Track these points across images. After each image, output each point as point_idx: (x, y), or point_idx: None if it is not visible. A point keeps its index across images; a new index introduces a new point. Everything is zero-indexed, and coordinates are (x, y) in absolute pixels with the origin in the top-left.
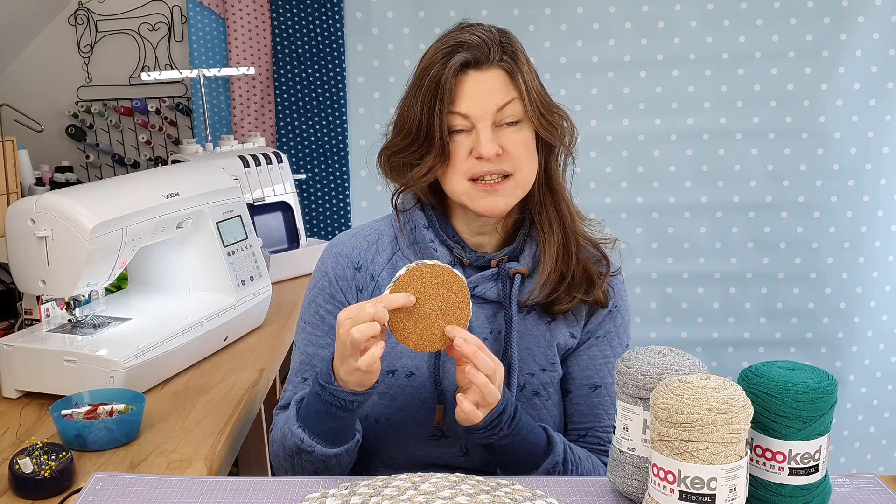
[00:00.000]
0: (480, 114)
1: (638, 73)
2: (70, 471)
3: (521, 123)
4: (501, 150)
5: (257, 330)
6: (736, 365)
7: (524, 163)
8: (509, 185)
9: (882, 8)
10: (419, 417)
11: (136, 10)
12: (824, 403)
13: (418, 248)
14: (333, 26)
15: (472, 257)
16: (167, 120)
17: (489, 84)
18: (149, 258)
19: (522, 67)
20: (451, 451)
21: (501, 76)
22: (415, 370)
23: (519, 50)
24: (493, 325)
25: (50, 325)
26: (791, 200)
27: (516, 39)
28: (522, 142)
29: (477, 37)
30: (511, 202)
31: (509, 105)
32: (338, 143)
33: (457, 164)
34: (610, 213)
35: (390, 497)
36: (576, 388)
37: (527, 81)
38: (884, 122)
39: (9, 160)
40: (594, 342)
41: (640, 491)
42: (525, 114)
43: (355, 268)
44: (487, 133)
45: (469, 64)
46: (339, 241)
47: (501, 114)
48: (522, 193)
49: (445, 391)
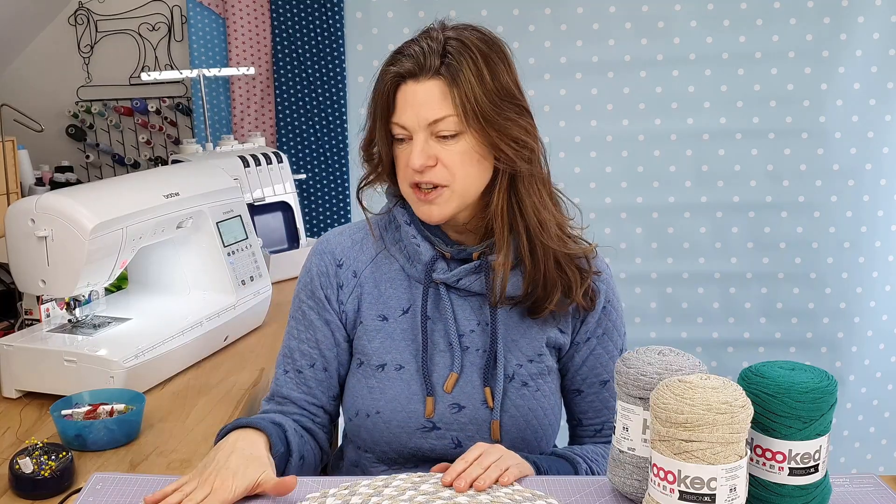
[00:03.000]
0: (414, 125)
1: (638, 73)
2: (70, 471)
3: (461, 136)
4: (435, 162)
5: (257, 330)
6: (736, 365)
7: (460, 174)
8: (444, 195)
9: (882, 8)
10: (409, 410)
11: (136, 10)
12: (824, 403)
13: (402, 245)
14: (333, 26)
15: (453, 251)
16: (167, 120)
17: (423, 96)
18: (149, 258)
19: (463, 78)
20: (443, 443)
21: (437, 88)
22: (403, 364)
23: (468, 60)
24: (480, 317)
25: (50, 325)
26: (791, 200)
27: (474, 46)
28: (459, 154)
29: (420, 47)
30: (447, 211)
31: (442, 121)
32: (338, 143)
33: (399, 170)
34: (610, 213)
35: (390, 497)
36: (587, 388)
37: (464, 95)
38: (884, 122)
39: (9, 160)
40: (596, 341)
41: (640, 491)
42: (464, 128)
43: (337, 264)
44: (419, 145)
45: (404, 75)
46: (324, 239)
47: (436, 126)
48: (462, 201)
49: (434, 384)
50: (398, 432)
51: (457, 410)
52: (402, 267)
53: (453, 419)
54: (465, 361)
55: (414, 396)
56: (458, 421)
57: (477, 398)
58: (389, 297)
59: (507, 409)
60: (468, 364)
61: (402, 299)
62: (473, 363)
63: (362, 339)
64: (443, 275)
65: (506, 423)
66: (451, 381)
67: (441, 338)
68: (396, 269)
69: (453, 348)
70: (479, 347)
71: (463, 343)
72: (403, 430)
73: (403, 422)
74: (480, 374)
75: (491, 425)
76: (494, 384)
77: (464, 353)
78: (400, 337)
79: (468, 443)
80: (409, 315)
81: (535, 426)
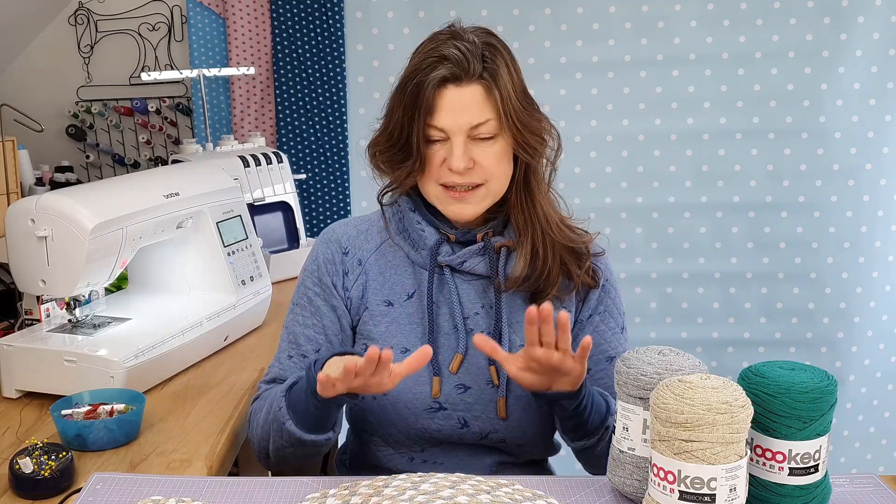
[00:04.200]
0: (455, 128)
1: (638, 73)
2: (70, 471)
3: (497, 137)
4: (473, 164)
5: (257, 330)
6: (736, 365)
7: (496, 174)
8: (480, 193)
9: (882, 8)
10: (415, 391)
11: (136, 10)
12: (824, 403)
13: (407, 234)
14: (333, 26)
15: (458, 233)
16: (167, 120)
17: (466, 101)
18: (149, 258)
19: (502, 83)
20: (450, 423)
21: (479, 93)
22: (409, 346)
23: (502, 63)
24: (485, 300)
25: (50, 325)
26: (791, 200)
27: (502, 48)
28: (496, 155)
29: (459, 51)
30: (480, 209)
31: (484, 125)
32: (338, 143)
33: (431, 170)
34: (610, 213)
35: (390, 497)
36: (593, 364)
37: (504, 98)
38: (884, 122)
39: (9, 160)
40: (598, 318)
41: (640, 491)
42: (500, 129)
43: (343, 252)
44: (460, 148)
45: (448, 79)
46: (330, 229)
47: (476, 130)
48: (493, 200)
49: (440, 365)
50: (405, 413)
51: (463, 391)
52: (406, 255)
53: (459, 399)
54: (470, 343)
55: (420, 378)
56: (464, 401)
57: (482, 378)
58: (395, 284)
59: (512, 389)
60: (473, 345)
61: (407, 284)
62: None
63: (368, 324)
64: (447, 257)
65: (511, 402)
66: (456, 362)
67: (446, 321)
68: (401, 256)
69: (458, 330)
70: (484, 329)
71: (468, 325)
72: (410, 412)
73: (410, 403)
74: (485, 354)
75: (497, 403)
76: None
77: (469, 335)
78: (406, 321)
79: (475, 423)
80: (415, 299)
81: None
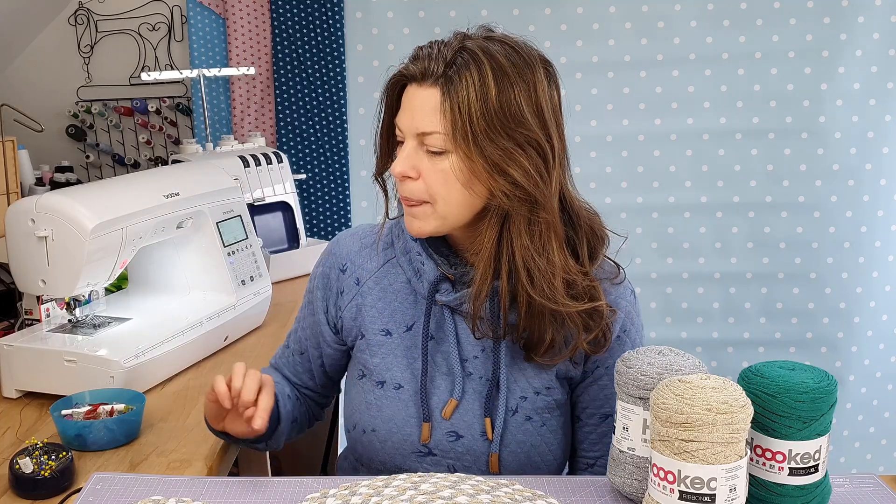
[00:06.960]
0: (406, 130)
1: (638, 73)
2: (70, 471)
3: (448, 154)
4: (417, 175)
5: (257, 330)
6: (736, 365)
7: (441, 194)
8: (425, 211)
9: (882, 8)
10: (405, 432)
11: (136, 10)
12: (824, 403)
13: (409, 258)
14: (333, 26)
15: (456, 273)
16: (167, 120)
17: (419, 103)
18: (149, 258)
19: (460, 93)
20: (439, 469)
21: (434, 98)
22: (403, 383)
23: (474, 73)
24: (485, 343)
25: (50, 325)
26: (791, 200)
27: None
28: (441, 172)
29: (432, 49)
30: (426, 228)
31: (430, 136)
32: (338, 143)
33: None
34: (610, 213)
35: (390, 497)
36: (586, 417)
37: (457, 111)
38: (884, 122)
39: (9, 160)
40: (604, 371)
41: (640, 491)
42: (454, 147)
43: (341, 269)
44: (404, 152)
45: (412, 77)
46: (337, 239)
47: (424, 139)
48: (442, 223)
49: (433, 409)
50: (393, 454)
51: (454, 439)
52: (408, 280)
53: (450, 447)
54: (467, 388)
55: (411, 419)
56: (454, 450)
57: (476, 428)
58: (395, 311)
59: (507, 444)
60: (470, 391)
61: (406, 315)
62: (475, 390)
63: (364, 353)
64: (446, 297)
65: (505, 458)
66: (449, 408)
67: (443, 360)
68: (403, 281)
69: (455, 373)
70: (483, 374)
71: (466, 368)
72: (398, 452)
73: (398, 444)
74: (482, 402)
75: (489, 458)
76: (495, 415)
77: (466, 379)
78: (402, 355)
79: (465, 472)
80: (413, 333)
81: (538, 462)
